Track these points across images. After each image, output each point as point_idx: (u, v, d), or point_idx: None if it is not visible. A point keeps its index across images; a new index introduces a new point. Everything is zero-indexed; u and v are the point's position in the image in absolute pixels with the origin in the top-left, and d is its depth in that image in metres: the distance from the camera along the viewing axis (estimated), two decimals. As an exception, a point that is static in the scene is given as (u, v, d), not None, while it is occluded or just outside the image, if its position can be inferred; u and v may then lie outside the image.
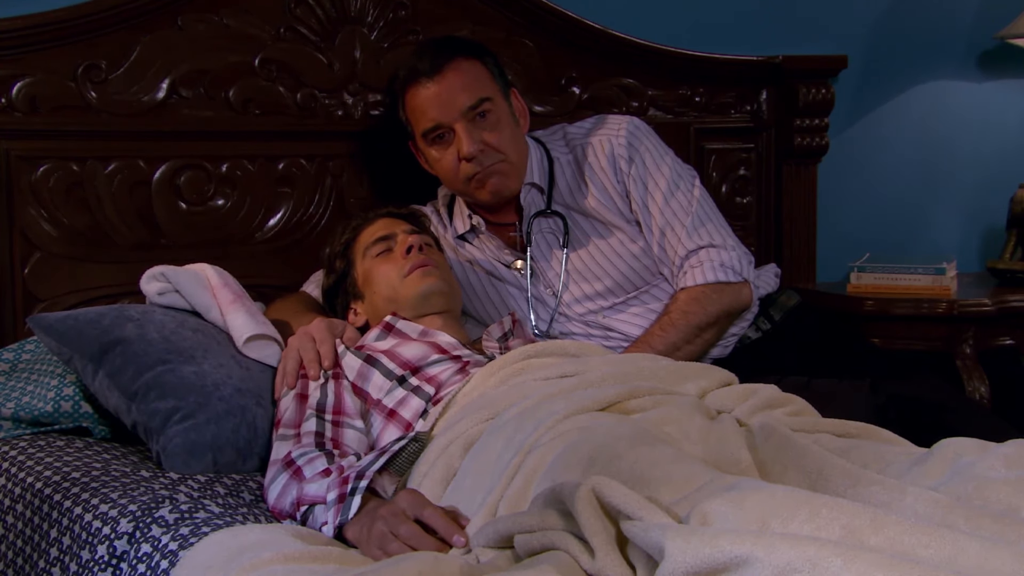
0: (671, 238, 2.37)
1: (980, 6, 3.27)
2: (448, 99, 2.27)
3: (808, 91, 2.96)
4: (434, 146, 2.32)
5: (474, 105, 2.27)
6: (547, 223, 2.41)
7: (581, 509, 1.26)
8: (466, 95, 2.27)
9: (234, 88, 2.52)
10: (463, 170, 2.30)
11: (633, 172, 2.38)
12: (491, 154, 2.30)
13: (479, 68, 2.32)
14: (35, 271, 2.39)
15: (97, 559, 1.68)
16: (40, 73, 2.37)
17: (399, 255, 2.16)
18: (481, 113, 2.28)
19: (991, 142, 3.33)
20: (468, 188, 2.34)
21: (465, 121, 2.27)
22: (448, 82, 2.28)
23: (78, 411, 2.11)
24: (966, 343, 2.79)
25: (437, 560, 1.39)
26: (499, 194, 2.35)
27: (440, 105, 2.27)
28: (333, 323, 2.09)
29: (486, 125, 2.29)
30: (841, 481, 1.39)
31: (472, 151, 2.27)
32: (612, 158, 2.39)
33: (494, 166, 2.31)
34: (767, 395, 1.79)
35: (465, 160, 2.28)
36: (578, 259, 2.39)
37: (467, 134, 2.27)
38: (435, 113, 2.28)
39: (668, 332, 2.31)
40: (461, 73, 2.29)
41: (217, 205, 2.54)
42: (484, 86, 2.30)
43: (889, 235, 3.24)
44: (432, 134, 2.30)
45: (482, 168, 2.29)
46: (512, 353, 1.91)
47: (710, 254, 2.36)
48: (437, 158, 2.32)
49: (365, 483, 1.60)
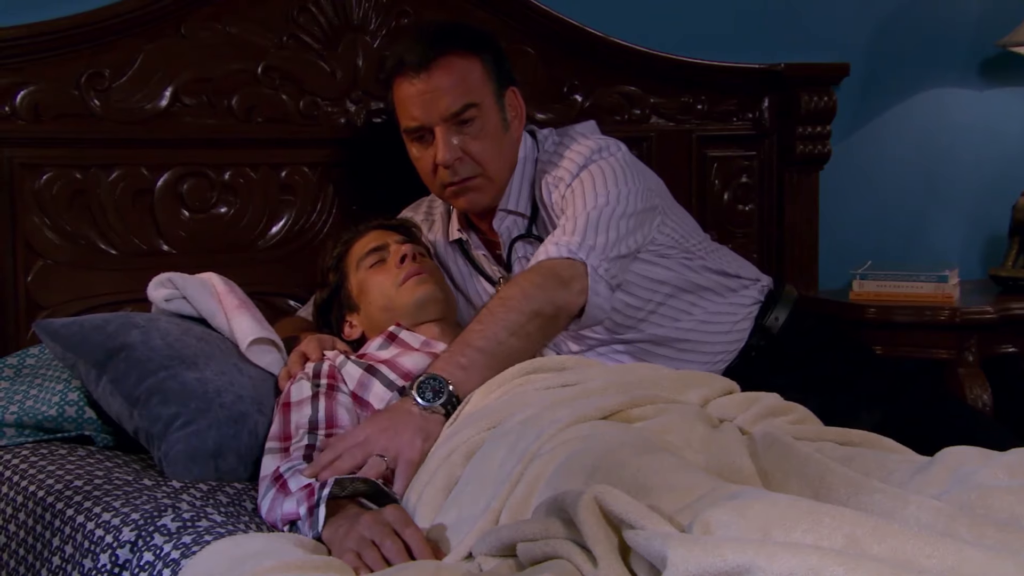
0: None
1: (981, 14, 3.27)
2: (431, 100, 2.13)
3: (810, 99, 2.97)
4: (414, 143, 2.20)
5: (458, 111, 2.13)
6: (528, 248, 2.23)
7: (584, 518, 1.26)
8: (451, 98, 2.13)
9: (237, 96, 2.52)
10: (439, 175, 2.18)
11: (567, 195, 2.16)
12: (469, 165, 2.16)
13: (473, 66, 2.16)
14: (38, 279, 2.40)
15: (99, 568, 1.68)
16: (43, 81, 2.37)
17: (393, 265, 2.16)
18: (465, 120, 2.14)
19: (993, 149, 3.33)
20: (443, 194, 2.23)
21: (446, 126, 2.14)
22: (435, 81, 2.13)
23: (82, 416, 2.11)
24: (968, 351, 2.79)
25: (439, 569, 1.39)
26: (473, 208, 2.24)
27: (423, 105, 2.14)
28: (322, 338, 2.11)
29: (469, 131, 2.15)
30: (843, 490, 1.39)
31: (448, 159, 2.14)
32: (553, 197, 2.19)
33: (469, 181, 2.17)
34: (769, 403, 1.79)
35: (441, 167, 2.16)
36: None
37: (445, 141, 2.14)
38: (417, 112, 2.15)
39: (484, 323, 1.96)
40: (450, 72, 2.13)
41: (220, 213, 2.54)
42: (473, 89, 2.15)
43: (891, 242, 3.24)
44: (413, 133, 2.18)
45: (457, 179, 2.17)
46: (511, 369, 1.90)
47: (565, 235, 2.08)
48: (417, 156, 2.21)
49: (327, 491, 1.60)
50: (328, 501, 1.60)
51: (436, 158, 2.15)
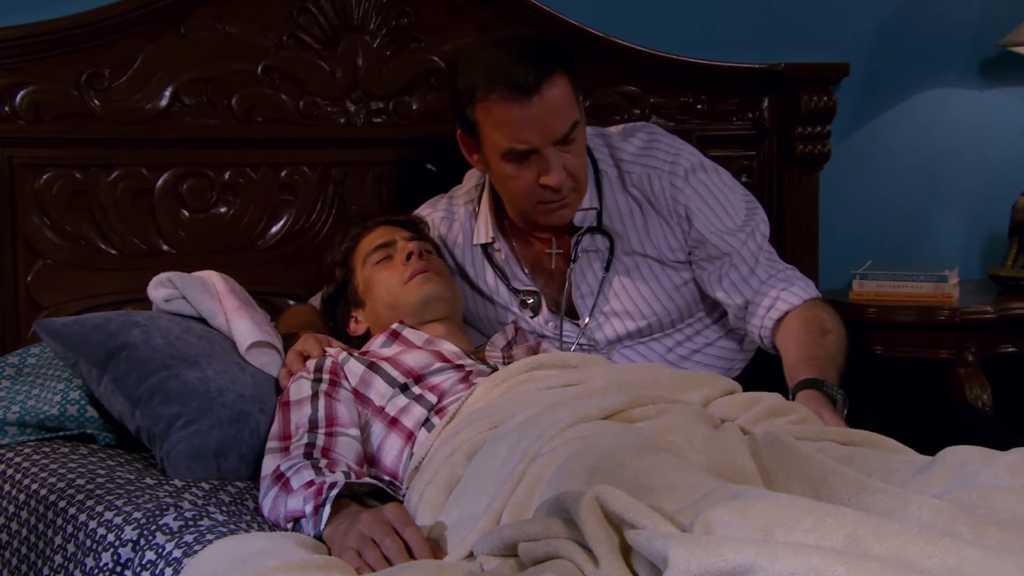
0: (737, 276, 2.23)
1: (982, 14, 3.27)
2: (544, 124, 2.07)
3: (810, 99, 2.97)
4: (512, 163, 2.12)
5: (567, 132, 2.10)
6: (593, 241, 2.27)
7: (585, 517, 1.26)
8: (561, 120, 2.09)
9: (237, 96, 2.52)
10: (539, 195, 2.14)
11: (696, 217, 2.23)
12: (570, 183, 2.14)
13: (570, 84, 2.12)
14: (38, 279, 2.40)
15: (101, 566, 1.68)
16: (43, 81, 2.37)
17: (399, 262, 2.16)
18: (571, 139, 2.12)
19: (993, 149, 3.33)
20: (534, 209, 2.19)
21: (555, 147, 2.10)
22: (547, 104, 2.06)
23: (84, 415, 2.11)
24: (968, 351, 2.79)
25: (441, 568, 1.39)
26: (563, 222, 2.23)
27: (536, 129, 2.07)
28: (319, 337, 2.10)
29: (569, 150, 2.12)
30: (845, 490, 1.39)
31: (562, 182, 2.11)
32: (670, 201, 2.23)
33: (568, 197, 2.16)
34: (771, 403, 1.79)
35: (546, 187, 2.12)
36: (614, 286, 2.27)
37: (556, 164, 2.10)
38: (528, 136, 2.08)
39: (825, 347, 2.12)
40: (559, 93, 2.08)
41: (220, 212, 2.54)
42: (574, 108, 2.12)
43: (891, 242, 3.24)
44: (517, 154, 2.11)
45: (559, 197, 2.15)
46: (515, 365, 1.91)
47: (788, 275, 2.23)
48: (512, 175, 2.13)
49: (335, 492, 1.60)
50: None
51: (546, 179, 2.11)
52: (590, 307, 2.28)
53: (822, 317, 2.17)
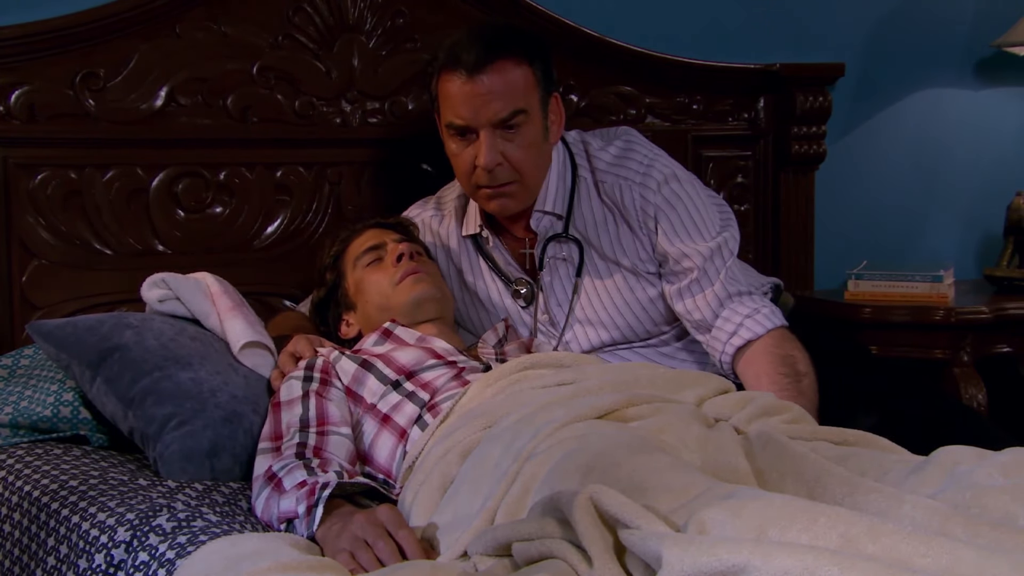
0: (698, 291, 2.22)
1: (977, 14, 3.28)
2: (482, 103, 2.12)
3: (806, 99, 2.97)
4: (454, 139, 2.18)
5: (506, 118, 2.13)
6: (561, 248, 2.28)
7: (579, 517, 1.26)
8: (501, 104, 2.12)
9: (232, 96, 2.52)
10: (476, 176, 2.17)
11: (662, 229, 2.22)
12: (507, 172, 2.16)
13: (524, 74, 2.15)
14: (33, 279, 2.39)
15: (95, 568, 1.67)
16: (38, 81, 2.37)
17: (390, 263, 2.16)
18: (511, 126, 2.15)
19: (988, 150, 3.33)
20: (475, 194, 2.22)
21: (491, 130, 2.13)
22: (486, 85, 2.12)
23: (77, 417, 2.11)
24: (963, 351, 2.79)
25: (434, 569, 1.39)
26: (503, 212, 2.25)
27: (472, 107, 2.13)
28: (311, 338, 2.11)
29: (512, 138, 2.15)
30: (839, 489, 1.39)
31: (490, 164, 2.14)
32: (640, 213, 2.22)
33: (505, 187, 2.18)
34: (764, 403, 1.79)
35: (481, 169, 2.16)
36: (587, 295, 2.28)
37: (489, 146, 2.13)
38: (465, 112, 2.13)
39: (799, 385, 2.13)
40: (503, 78, 2.13)
41: (215, 213, 2.54)
42: (522, 97, 2.15)
43: (886, 242, 3.24)
44: (456, 129, 2.16)
45: (493, 184, 2.17)
46: (508, 364, 1.91)
47: (754, 299, 2.23)
48: (455, 152, 2.19)
49: (327, 493, 1.61)
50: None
51: (477, 160, 2.15)
52: (566, 313, 2.29)
53: (793, 356, 2.16)
